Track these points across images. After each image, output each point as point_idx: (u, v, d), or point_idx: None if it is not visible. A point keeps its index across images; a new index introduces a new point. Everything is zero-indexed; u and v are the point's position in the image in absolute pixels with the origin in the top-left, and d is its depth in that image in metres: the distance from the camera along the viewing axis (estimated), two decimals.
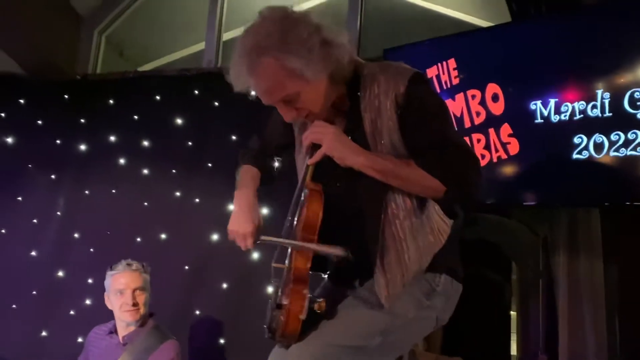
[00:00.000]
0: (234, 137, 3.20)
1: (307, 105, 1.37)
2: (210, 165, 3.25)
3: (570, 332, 2.62)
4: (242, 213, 1.49)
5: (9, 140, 3.53)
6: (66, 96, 3.59)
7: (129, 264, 2.45)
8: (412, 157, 1.33)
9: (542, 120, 2.44)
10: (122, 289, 2.41)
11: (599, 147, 2.32)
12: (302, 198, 1.37)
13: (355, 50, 1.46)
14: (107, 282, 2.47)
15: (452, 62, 2.71)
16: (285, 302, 1.30)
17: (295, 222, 1.41)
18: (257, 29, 1.31)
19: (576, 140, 2.36)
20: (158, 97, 3.44)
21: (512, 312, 3.00)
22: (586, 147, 2.34)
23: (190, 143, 3.33)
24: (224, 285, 3.04)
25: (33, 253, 3.33)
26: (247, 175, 1.60)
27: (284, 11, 1.33)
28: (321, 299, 1.32)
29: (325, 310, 1.32)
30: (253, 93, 1.37)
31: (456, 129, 1.47)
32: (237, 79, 1.33)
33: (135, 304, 2.39)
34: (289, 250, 1.39)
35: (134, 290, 2.40)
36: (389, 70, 1.39)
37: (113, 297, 2.44)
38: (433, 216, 1.41)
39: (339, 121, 1.42)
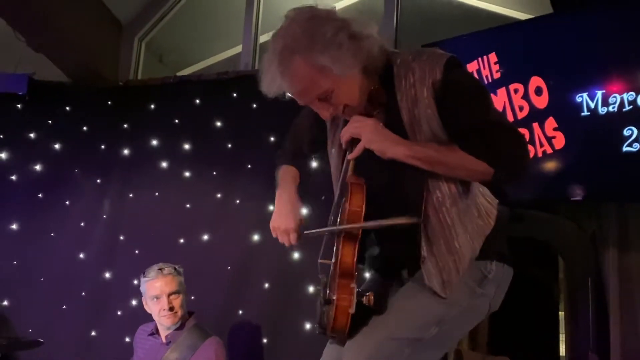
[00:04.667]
0: (272, 138, 3.22)
1: (342, 100, 1.37)
2: (249, 166, 3.28)
3: (622, 331, 2.54)
4: (284, 210, 1.50)
5: (57, 146, 3.64)
6: (109, 102, 3.68)
7: (160, 269, 2.47)
8: (455, 142, 1.31)
9: (589, 113, 2.37)
10: (157, 294, 2.43)
11: None
12: (344, 193, 1.36)
13: (385, 40, 1.44)
14: (143, 288, 2.51)
15: (492, 57, 2.67)
16: (333, 297, 1.29)
17: (338, 219, 1.40)
18: (285, 32, 1.33)
19: (626, 132, 2.28)
20: (198, 101, 3.50)
21: (560, 312, 2.92)
22: (637, 140, 2.26)
23: (229, 145, 3.36)
24: (266, 285, 3.06)
25: (81, 255, 3.43)
26: (286, 174, 1.62)
27: (309, 11, 1.34)
28: (369, 292, 1.31)
29: (375, 303, 1.31)
30: (288, 95, 1.39)
31: (497, 109, 1.44)
32: (271, 83, 1.35)
33: (171, 308, 2.42)
34: (335, 245, 1.39)
35: (169, 295, 2.43)
36: (423, 57, 1.37)
37: (150, 302, 2.47)
38: (478, 198, 1.40)
39: (377, 113, 1.41)
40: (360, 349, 1.31)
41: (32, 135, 3.66)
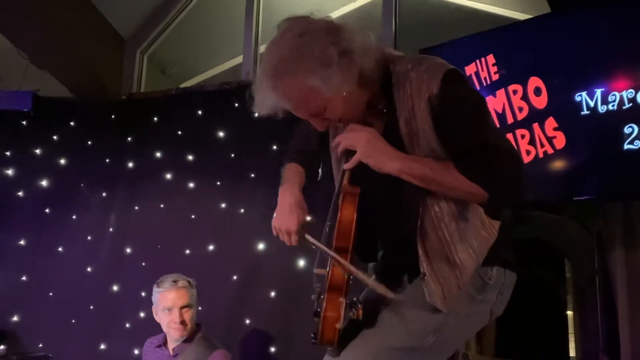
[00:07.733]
0: (274, 147, 3.23)
1: (336, 115, 1.33)
2: (253, 175, 3.29)
3: (632, 330, 2.51)
4: (286, 208, 1.45)
5: (62, 161, 3.67)
6: (113, 116, 3.71)
7: (175, 281, 2.46)
8: (451, 161, 1.27)
9: (589, 112, 2.36)
10: (169, 306, 2.43)
11: None
12: (339, 202, 1.35)
13: (384, 49, 1.39)
14: (155, 298, 2.50)
15: (490, 58, 2.66)
16: (322, 310, 1.28)
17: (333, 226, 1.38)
18: (275, 49, 1.28)
19: (627, 130, 2.27)
20: (200, 112, 3.51)
21: (568, 312, 2.90)
22: (638, 137, 2.25)
23: (232, 155, 3.38)
24: (273, 294, 3.06)
25: (89, 269, 3.45)
26: (292, 172, 1.57)
27: (301, 25, 1.28)
28: (359, 306, 1.29)
29: (364, 316, 1.29)
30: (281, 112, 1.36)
31: (497, 127, 1.40)
32: (264, 100, 1.31)
33: (182, 322, 2.42)
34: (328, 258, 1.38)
35: (181, 308, 2.42)
36: (422, 68, 1.31)
37: (161, 313, 2.47)
38: (480, 209, 1.34)
39: (376, 121, 1.38)
40: (357, 358, 1.30)
41: (37, 151, 3.70)
